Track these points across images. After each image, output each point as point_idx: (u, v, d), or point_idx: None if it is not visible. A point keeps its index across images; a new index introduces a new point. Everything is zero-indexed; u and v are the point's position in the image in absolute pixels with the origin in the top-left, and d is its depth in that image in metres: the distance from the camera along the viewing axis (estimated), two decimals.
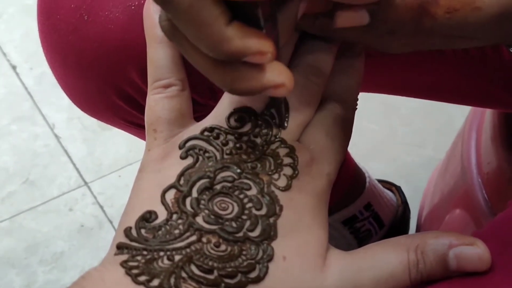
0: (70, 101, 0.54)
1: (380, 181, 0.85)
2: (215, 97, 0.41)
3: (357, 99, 0.41)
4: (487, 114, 0.72)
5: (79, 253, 1.00)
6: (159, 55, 0.41)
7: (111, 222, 1.03)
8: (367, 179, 0.79)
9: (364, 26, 0.34)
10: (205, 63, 0.34)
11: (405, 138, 1.11)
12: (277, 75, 0.34)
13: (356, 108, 0.41)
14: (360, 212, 0.78)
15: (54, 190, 1.07)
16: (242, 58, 0.33)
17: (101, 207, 1.04)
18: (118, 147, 1.11)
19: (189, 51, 0.35)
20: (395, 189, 0.87)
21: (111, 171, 1.09)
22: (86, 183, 1.07)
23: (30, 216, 1.03)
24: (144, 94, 0.42)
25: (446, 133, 1.00)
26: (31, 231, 1.02)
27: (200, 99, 0.46)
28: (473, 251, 0.35)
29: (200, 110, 0.44)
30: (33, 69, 1.21)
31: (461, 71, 0.52)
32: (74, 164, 1.10)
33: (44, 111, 1.15)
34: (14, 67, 1.21)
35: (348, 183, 0.75)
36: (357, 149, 0.40)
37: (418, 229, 0.89)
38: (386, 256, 0.36)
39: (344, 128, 0.40)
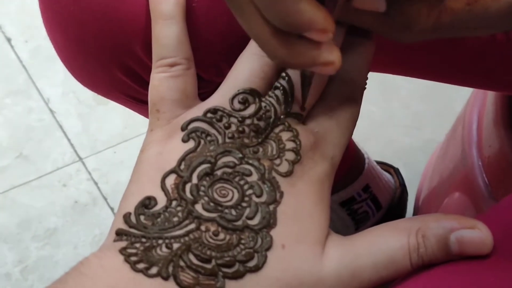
0: (66, 75, 0.53)
1: (378, 163, 0.85)
2: (221, 73, 0.40)
3: (366, 79, 0.40)
4: (489, 97, 0.71)
5: (72, 230, 0.99)
6: (164, 32, 0.41)
7: (105, 198, 1.02)
8: (366, 161, 0.79)
9: (381, 15, 0.33)
10: (263, 31, 0.33)
11: (404, 120, 1.10)
12: (330, 53, 0.33)
13: (365, 88, 0.40)
14: (358, 193, 0.78)
15: (48, 165, 1.06)
16: (306, 31, 0.32)
17: (96, 183, 1.04)
18: (114, 123, 1.10)
19: (249, 16, 0.33)
20: (393, 171, 0.86)
21: (106, 147, 1.08)
22: (80, 158, 1.06)
23: (23, 191, 1.03)
24: (148, 69, 0.42)
25: (445, 116, 0.99)
26: (24, 207, 1.01)
27: (205, 75, 0.45)
28: (475, 235, 0.35)
29: (204, 86, 0.43)
30: (28, 42, 1.19)
31: (469, 52, 0.51)
32: (69, 140, 1.09)
33: (39, 85, 1.14)
34: (9, 40, 1.19)
35: (347, 165, 0.75)
36: (355, 130, 0.40)
37: (415, 212, 0.89)
38: (386, 241, 0.36)
39: (350, 109, 0.39)
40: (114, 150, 1.07)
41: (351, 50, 0.40)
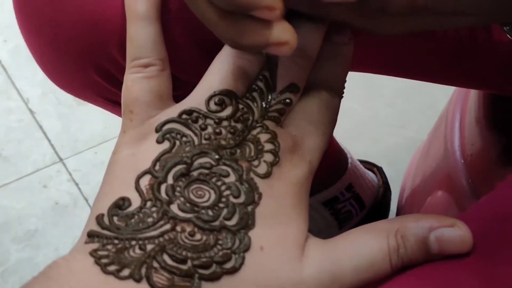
0: (45, 76, 0.52)
1: (361, 161, 0.85)
2: (198, 74, 0.39)
3: (344, 87, 0.40)
4: (472, 95, 0.71)
5: (53, 231, 0.98)
6: (139, 33, 0.40)
7: (86, 199, 1.01)
8: (349, 160, 0.78)
9: (354, 4, 0.33)
10: (211, 14, 0.33)
11: (387, 118, 1.10)
12: (282, 32, 0.33)
13: (342, 96, 0.40)
14: (341, 193, 0.77)
15: (28, 166, 1.04)
16: (251, 10, 0.32)
17: (77, 184, 1.03)
18: (94, 123, 1.09)
19: (197, 0, 0.33)
20: (377, 170, 0.86)
21: (87, 147, 1.07)
22: (61, 159, 1.05)
23: (3, 193, 1.01)
24: (124, 71, 0.41)
25: (429, 114, 0.99)
26: (4, 208, 1.00)
27: (182, 76, 0.45)
28: (454, 233, 0.35)
29: (181, 87, 0.43)
30: (7, 42, 1.18)
31: (450, 51, 0.50)
32: (49, 140, 1.07)
33: (18, 85, 1.13)
34: None
35: (330, 164, 0.74)
36: (339, 129, 0.39)
37: (398, 211, 0.88)
38: (366, 243, 0.35)
39: (328, 115, 0.39)
40: (95, 151, 1.06)
41: (328, 58, 0.40)
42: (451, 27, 0.36)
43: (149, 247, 0.32)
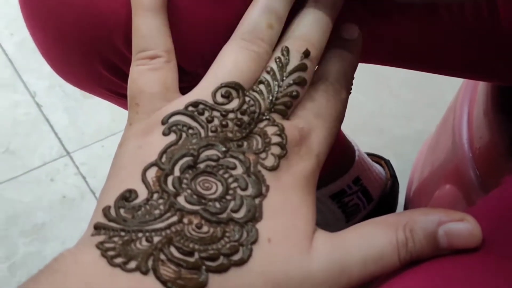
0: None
1: (369, 154, 0.84)
2: (205, 65, 0.39)
3: (352, 83, 0.40)
4: (480, 88, 0.70)
5: (60, 225, 0.98)
6: (145, 24, 0.40)
7: (93, 193, 1.01)
8: (357, 153, 0.78)
9: None
10: None
11: (394, 110, 1.10)
12: None
13: (350, 92, 0.40)
14: (348, 186, 0.77)
15: (35, 160, 1.04)
16: None
17: (84, 177, 1.03)
18: (101, 116, 1.09)
19: None
20: (384, 162, 0.86)
21: (94, 141, 1.07)
22: (68, 153, 1.05)
23: (10, 186, 1.01)
24: (130, 63, 0.41)
25: (436, 106, 0.98)
26: (12, 202, 1.00)
27: (189, 67, 0.45)
28: (463, 227, 0.34)
29: (188, 79, 0.42)
30: (14, 35, 1.18)
31: (454, 38, 0.50)
32: (56, 133, 1.07)
33: (25, 78, 1.13)
34: None
35: (337, 157, 0.74)
36: (345, 121, 0.39)
37: (406, 204, 0.88)
38: (374, 237, 0.35)
39: (337, 109, 0.39)
40: (102, 144, 1.06)
41: (336, 54, 0.40)
42: None
43: (156, 239, 0.32)
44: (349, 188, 0.77)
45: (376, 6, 0.36)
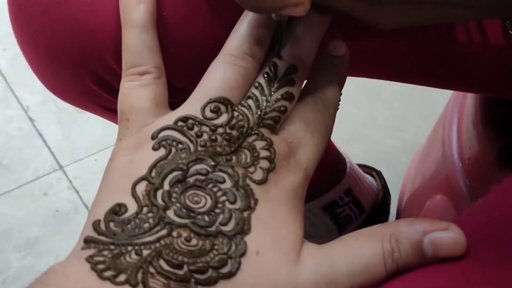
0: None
1: (360, 165, 0.84)
2: (194, 81, 0.40)
3: (340, 99, 0.41)
4: (469, 99, 0.71)
5: (54, 239, 0.98)
6: (134, 40, 0.40)
7: (86, 207, 1.01)
8: (348, 164, 0.78)
9: None
10: None
11: (386, 122, 1.10)
12: None
13: (338, 108, 0.41)
14: (340, 197, 0.77)
15: (28, 174, 1.05)
16: (281, 10, 0.33)
17: (77, 191, 1.03)
18: (94, 130, 1.09)
19: None
20: (376, 174, 0.86)
21: (87, 154, 1.07)
22: (61, 167, 1.06)
23: (3, 200, 1.01)
24: (119, 79, 0.41)
25: (428, 117, 0.99)
26: (5, 216, 1.00)
27: (178, 83, 0.45)
28: (448, 236, 0.35)
29: (177, 95, 0.43)
30: (6, 50, 1.18)
31: (446, 54, 0.51)
32: (49, 148, 1.08)
33: (18, 93, 1.13)
34: None
35: (328, 169, 0.74)
36: (337, 133, 0.40)
37: (398, 215, 0.88)
38: (361, 248, 0.35)
39: (324, 123, 0.40)
40: (95, 158, 1.07)
41: (324, 70, 0.41)
42: (448, 19, 0.36)
43: (145, 252, 0.33)
44: (341, 200, 0.77)
45: (363, 24, 0.36)
